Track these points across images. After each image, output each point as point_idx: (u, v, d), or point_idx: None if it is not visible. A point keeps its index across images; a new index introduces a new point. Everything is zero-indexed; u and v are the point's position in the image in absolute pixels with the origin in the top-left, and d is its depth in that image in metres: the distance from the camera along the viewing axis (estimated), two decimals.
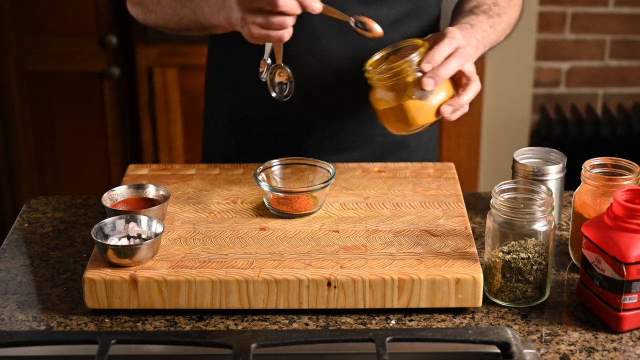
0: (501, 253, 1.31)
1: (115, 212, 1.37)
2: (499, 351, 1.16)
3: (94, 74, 2.92)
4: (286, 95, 1.51)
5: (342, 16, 1.44)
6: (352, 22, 1.45)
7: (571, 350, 1.24)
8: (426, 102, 1.42)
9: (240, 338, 1.14)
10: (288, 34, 1.41)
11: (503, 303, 1.33)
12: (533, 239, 1.30)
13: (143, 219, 1.35)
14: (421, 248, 1.35)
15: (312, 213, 1.44)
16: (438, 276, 1.28)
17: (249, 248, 1.35)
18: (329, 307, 1.30)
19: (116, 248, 1.29)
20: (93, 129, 2.98)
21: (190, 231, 1.39)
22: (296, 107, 1.64)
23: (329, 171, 1.47)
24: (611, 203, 1.28)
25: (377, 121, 1.70)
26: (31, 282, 1.38)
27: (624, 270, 1.24)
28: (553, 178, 1.46)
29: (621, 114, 3.19)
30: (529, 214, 1.29)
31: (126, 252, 1.29)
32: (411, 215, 1.44)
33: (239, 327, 1.28)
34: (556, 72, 3.25)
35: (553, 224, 1.31)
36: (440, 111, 1.43)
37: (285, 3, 1.37)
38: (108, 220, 1.34)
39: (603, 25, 3.20)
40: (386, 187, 1.52)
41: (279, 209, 1.43)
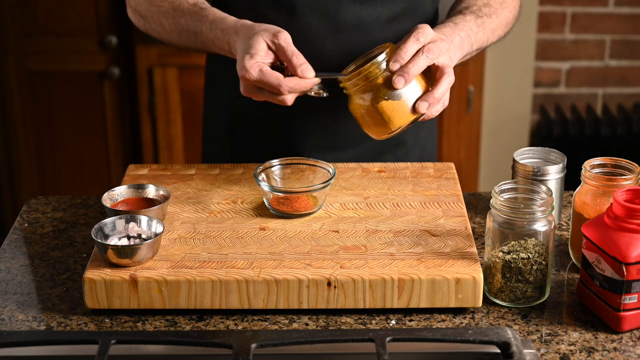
0: (501, 253, 1.31)
1: (115, 212, 1.37)
2: (499, 351, 1.16)
3: (94, 74, 2.92)
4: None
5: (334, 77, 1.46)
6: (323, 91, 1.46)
7: (571, 350, 1.24)
8: (401, 102, 1.41)
9: (240, 338, 1.14)
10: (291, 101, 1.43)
11: (503, 303, 1.33)
12: (533, 239, 1.30)
13: (143, 219, 1.35)
14: (421, 248, 1.35)
15: (312, 213, 1.44)
16: (438, 276, 1.29)
17: (249, 248, 1.35)
18: (329, 307, 1.30)
19: (116, 248, 1.29)
20: (93, 129, 2.98)
21: (190, 231, 1.39)
22: (291, 106, 1.64)
23: (329, 171, 1.47)
24: (611, 203, 1.28)
25: None
26: (31, 282, 1.38)
27: (624, 270, 1.24)
28: (553, 178, 1.46)
29: (621, 114, 3.19)
30: (529, 214, 1.29)
31: (126, 252, 1.29)
32: (411, 215, 1.44)
33: (239, 327, 1.28)
34: (556, 72, 3.25)
35: (553, 224, 1.31)
36: (416, 108, 1.42)
37: (287, 91, 1.39)
38: (108, 220, 1.34)
39: (603, 25, 3.20)
40: (386, 187, 1.52)
41: (279, 209, 1.43)
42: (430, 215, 1.44)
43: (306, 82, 1.41)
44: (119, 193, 1.44)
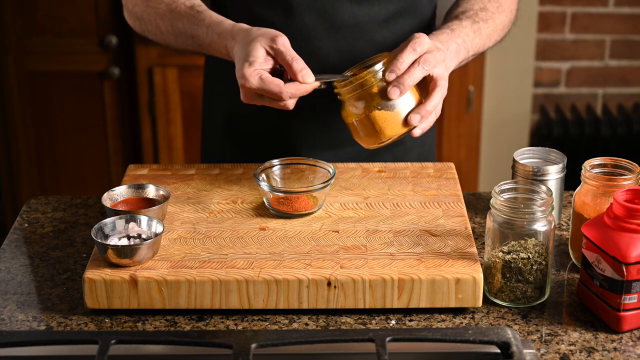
0: (501, 253, 1.31)
1: (115, 212, 1.37)
2: (499, 351, 1.16)
3: (94, 74, 2.92)
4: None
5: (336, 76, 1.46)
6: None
7: (571, 350, 1.24)
8: (394, 113, 1.40)
9: (240, 338, 1.14)
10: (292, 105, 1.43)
11: (503, 303, 1.33)
12: (533, 239, 1.30)
13: (143, 219, 1.35)
14: (421, 248, 1.35)
15: (312, 213, 1.44)
16: (438, 276, 1.29)
17: (249, 248, 1.35)
18: (329, 307, 1.30)
19: (116, 248, 1.29)
20: (93, 129, 2.98)
21: (190, 231, 1.39)
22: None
23: (329, 171, 1.47)
24: (611, 203, 1.28)
25: None
26: (31, 282, 1.38)
27: (624, 270, 1.24)
28: (553, 178, 1.46)
29: (621, 114, 3.19)
30: (529, 214, 1.29)
31: (126, 252, 1.29)
32: (411, 215, 1.44)
33: (239, 327, 1.28)
34: (556, 72, 3.25)
35: (553, 224, 1.31)
36: (408, 121, 1.42)
37: (289, 97, 1.39)
38: (108, 220, 1.34)
39: (603, 25, 3.20)
40: (386, 187, 1.52)
41: (279, 209, 1.43)
42: (430, 215, 1.44)
43: (306, 87, 1.40)
44: (119, 193, 1.44)
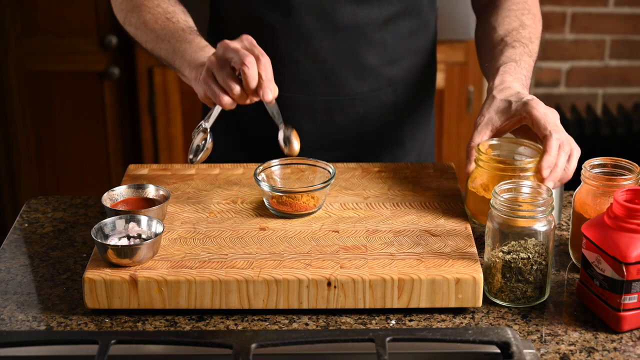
0: (501, 253, 1.31)
1: (115, 212, 1.37)
2: (499, 351, 1.16)
3: (94, 74, 2.92)
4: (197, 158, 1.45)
5: (278, 119, 1.44)
6: (281, 130, 1.45)
7: (571, 350, 1.24)
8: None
9: (240, 338, 1.14)
10: (229, 103, 1.41)
11: (503, 303, 1.33)
12: (533, 239, 1.30)
13: (143, 219, 1.35)
14: (421, 248, 1.35)
15: (312, 213, 1.44)
16: (438, 276, 1.28)
17: (249, 248, 1.35)
18: (329, 307, 1.30)
19: (116, 248, 1.29)
20: (93, 129, 2.98)
21: (190, 231, 1.39)
22: (288, 106, 1.64)
23: (329, 171, 1.47)
24: (611, 203, 1.28)
25: (369, 120, 1.70)
26: (31, 282, 1.38)
27: (624, 270, 1.24)
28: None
29: (621, 114, 3.19)
30: (529, 214, 1.29)
31: (126, 252, 1.29)
32: (411, 215, 1.44)
33: (239, 327, 1.28)
34: (556, 72, 3.25)
35: (553, 224, 1.31)
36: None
37: (250, 61, 1.36)
38: (108, 220, 1.34)
39: (603, 25, 3.20)
40: (386, 187, 1.52)
41: (279, 209, 1.43)
42: (430, 215, 1.44)
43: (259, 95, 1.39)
44: (119, 193, 1.44)
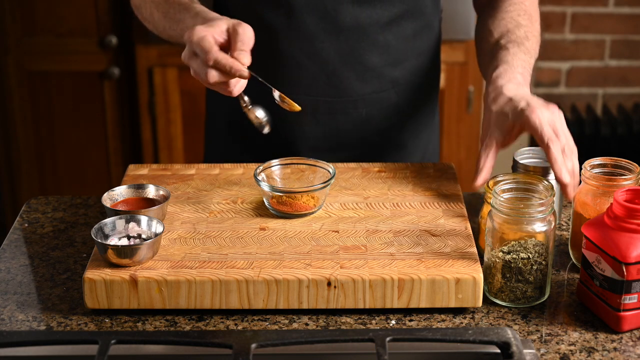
0: (501, 253, 1.31)
1: (115, 212, 1.37)
2: (499, 351, 1.16)
3: (94, 74, 2.92)
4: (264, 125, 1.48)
5: (267, 85, 1.44)
6: (276, 95, 1.44)
7: (571, 350, 1.24)
8: None
9: (240, 338, 1.14)
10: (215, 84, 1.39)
11: (503, 303, 1.33)
12: (533, 239, 1.30)
13: (143, 219, 1.35)
14: (421, 248, 1.35)
15: (312, 213, 1.44)
16: (438, 276, 1.28)
17: (249, 248, 1.35)
18: (329, 307, 1.30)
19: (116, 248, 1.29)
20: (93, 129, 2.98)
21: (190, 231, 1.39)
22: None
23: (329, 171, 1.47)
24: (611, 203, 1.28)
25: (372, 121, 1.70)
26: (31, 282, 1.38)
27: (624, 270, 1.24)
28: (553, 178, 1.46)
29: (621, 114, 3.19)
30: (529, 214, 1.29)
31: (126, 252, 1.29)
32: (411, 215, 1.44)
33: (239, 327, 1.28)
34: (556, 72, 3.25)
35: (553, 224, 1.31)
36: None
37: (213, 60, 1.35)
38: (108, 220, 1.34)
39: (603, 25, 3.20)
40: (386, 187, 1.52)
41: (279, 209, 1.43)
42: (430, 215, 1.44)
43: (235, 65, 1.36)
44: (119, 193, 1.44)
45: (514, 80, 1.47)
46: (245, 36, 1.38)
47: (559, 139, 1.36)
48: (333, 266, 1.30)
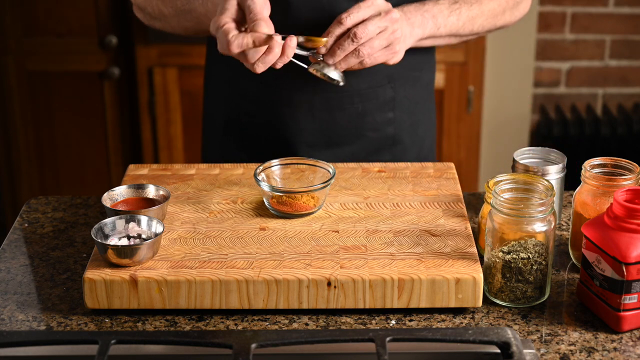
0: (501, 253, 1.31)
1: (115, 212, 1.37)
2: (499, 351, 1.16)
3: (94, 74, 2.92)
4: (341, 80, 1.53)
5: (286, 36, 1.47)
6: (300, 39, 1.49)
7: (571, 350, 1.24)
8: None
9: (240, 338, 1.14)
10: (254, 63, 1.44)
11: (503, 303, 1.33)
12: (533, 239, 1.30)
13: (143, 219, 1.35)
14: (421, 248, 1.35)
15: (312, 213, 1.44)
16: (438, 276, 1.29)
17: (249, 248, 1.35)
18: (329, 307, 1.30)
19: (116, 248, 1.29)
20: (93, 129, 2.98)
21: (190, 231, 1.39)
22: (287, 103, 1.64)
23: (329, 171, 1.47)
24: (611, 203, 1.28)
25: (368, 116, 1.70)
26: (31, 282, 1.38)
27: (624, 270, 1.24)
28: (553, 178, 1.46)
29: (621, 114, 3.19)
30: (529, 214, 1.29)
31: (126, 252, 1.29)
32: (411, 215, 1.44)
33: (239, 327, 1.28)
34: (556, 72, 3.25)
35: (553, 224, 1.31)
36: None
37: (237, 47, 1.41)
38: (108, 220, 1.34)
39: (603, 25, 3.20)
40: (386, 187, 1.52)
41: (279, 209, 1.43)
42: (430, 215, 1.44)
43: (258, 36, 1.41)
44: (119, 193, 1.44)
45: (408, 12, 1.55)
46: (255, 7, 1.43)
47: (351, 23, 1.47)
48: (333, 266, 1.30)
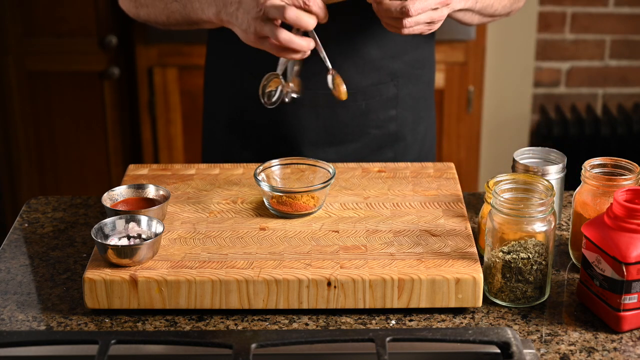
0: (501, 253, 1.31)
1: (115, 212, 1.37)
2: (499, 351, 1.16)
3: (94, 74, 2.92)
4: (274, 102, 1.53)
5: (326, 63, 1.48)
6: (330, 74, 1.49)
7: (571, 350, 1.24)
8: None
9: (240, 338, 1.14)
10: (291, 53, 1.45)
11: (503, 303, 1.33)
12: (533, 239, 1.30)
13: (143, 219, 1.35)
14: (421, 248, 1.35)
15: (312, 213, 1.44)
16: (438, 276, 1.29)
17: (249, 248, 1.35)
18: (329, 307, 1.30)
19: (116, 248, 1.29)
20: (93, 129, 2.98)
21: (190, 231, 1.39)
22: (289, 103, 1.65)
23: (329, 171, 1.47)
24: (611, 203, 1.28)
25: (371, 114, 1.70)
26: (31, 282, 1.38)
27: (624, 270, 1.24)
28: (553, 178, 1.46)
29: (621, 114, 3.19)
30: (529, 214, 1.29)
31: (126, 252, 1.29)
32: (411, 215, 1.44)
33: (239, 327, 1.28)
34: (556, 72, 3.25)
35: (553, 224, 1.31)
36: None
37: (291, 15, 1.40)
38: (108, 220, 1.34)
39: (603, 25, 3.20)
40: (386, 187, 1.52)
41: (279, 209, 1.43)
42: (430, 215, 1.44)
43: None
44: (119, 193, 1.44)
45: None
46: None
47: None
48: (333, 266, 1.30)
